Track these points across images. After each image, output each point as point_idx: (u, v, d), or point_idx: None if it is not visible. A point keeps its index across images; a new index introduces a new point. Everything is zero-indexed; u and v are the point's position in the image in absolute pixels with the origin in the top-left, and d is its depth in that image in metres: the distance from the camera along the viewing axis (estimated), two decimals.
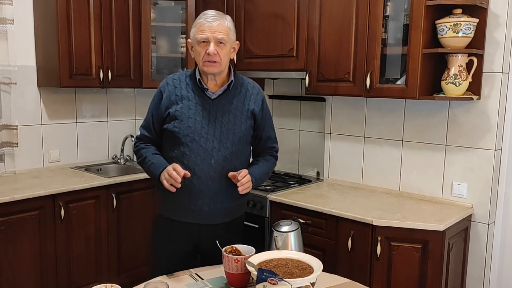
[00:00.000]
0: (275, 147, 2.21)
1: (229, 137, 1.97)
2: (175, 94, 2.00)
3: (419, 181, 2.90)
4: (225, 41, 1.93)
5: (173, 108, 1.98)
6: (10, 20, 3.13)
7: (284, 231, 2.08)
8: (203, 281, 1.83)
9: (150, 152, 2.05)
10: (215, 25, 1.91)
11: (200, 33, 1.92)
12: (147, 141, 2.09)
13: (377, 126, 3.05)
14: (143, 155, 2.05)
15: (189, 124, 1.95)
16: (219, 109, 1.98)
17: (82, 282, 3.08)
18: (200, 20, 1.94)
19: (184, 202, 1.98)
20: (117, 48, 3.43)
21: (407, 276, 2.43)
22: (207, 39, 1.91)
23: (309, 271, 1.64)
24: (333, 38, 2.82)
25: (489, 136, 2.61)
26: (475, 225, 2.71)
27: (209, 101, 1.99)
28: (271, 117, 2.18)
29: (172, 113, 1.97)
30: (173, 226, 2.05)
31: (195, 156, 1.95)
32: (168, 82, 2.05)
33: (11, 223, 2.71)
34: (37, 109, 3.40)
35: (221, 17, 1.95)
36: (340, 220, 2.58)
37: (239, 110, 2.01)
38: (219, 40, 1.92)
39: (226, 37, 1.93)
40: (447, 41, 2.49)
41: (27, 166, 3.37)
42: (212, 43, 1.91)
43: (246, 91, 2.06)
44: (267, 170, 2.14)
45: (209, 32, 1.90)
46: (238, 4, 3.29)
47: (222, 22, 1.93)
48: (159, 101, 2.03)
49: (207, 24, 1.91)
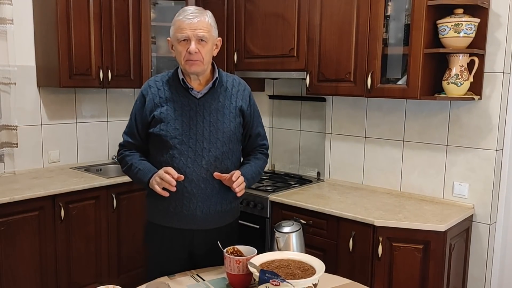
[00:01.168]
0: (265, 145, 2.12)
1: (218, 137, 1.91)
2: (158, 96, 1.92)
3: (420, 181, 2.89)
4: (206, 39, 1.85)
5: (158, 110, 1.90)
6: (9, 20, 3.12)
7: (286, 232, 2.07)
8: (204, 282, 1.82)
9: (136, 158, 1.97)
10: (196, 22, 1.82)
11: (180, 31, 1.84)
12: (132, 147, 2.01)
13: (378, 126, 3.05)
14: (128, 162, 1.97)
15: (176, 126, 1.88)
16: (206, 108, 1.91)
17: (82, 282, 3.07)
18: (179, 18, 1.85)
19: (176, 207, 1.91)
20: (117, 48, 3.42)
21: (408, 277, 2.43)
22: (188, 37, 1.83)
23: (311, 272, 1.63)
24: (334, 38, 2.82)
25: (490, 136, 2.61)
26: (476, 226, 2.70)
27: (194, 100, 1.92)
28: (259, 114, 2.11)
29: (157, 116, 1.90)
30: (164, 232, 1.98)
31: (185, 158, 1.88)
32: (150, 84, 1.97)
33: (11, 224, 2.70)
34: (37, 109, 3.39)
35: (201, 14, 1.86)
36: (341, 221, 2.57)
37: (227, 108, 1.94)
38: (200, 37, 1.83)
39: (207, 35, 1.85)
40: (448, 41, 2.48)
41: (27, 166, 3.36)
42: (193, 41, 1.83)
43: (232, 87, 1.99)
44: (259, 170, 2.05)
45: (190, 30, 1.82)
46: (239, 4, 3.28)
47: (203, 19, 1.85)
48: (142, 105, 1.95)
49: (187, 21, 1.82)
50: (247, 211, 2.94)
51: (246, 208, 2.95)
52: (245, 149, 2.09)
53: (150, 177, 1.88)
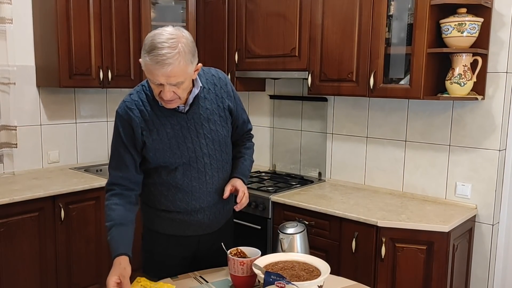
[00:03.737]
0: (250, 128, 2.07)
1: (215, 147, 1.86)
2: (144, 120, 1.75)
3: (422, 182, 2.88)
4: (182, 81, 1.64)
5: (149, 138, 1.76)
6: (9, 19, 3.10)
7: (290, 233, 2.05)
8: (208, 284, 1.80)
9: (117, 220, 1.78)
10: (168, 71, 1.57)
11: (152, 76, 1.61)
12: (123, 183, 1.80)
13: (380, 126, 3.03)
14: (108, 221, 1.79)
15: (173, 151, 1.78)
16: (196, 121, 1.80)
17: (82, 283, 3.05)
18: (149, 60, 1.58)
19: (184, 218, 1.89)
20: (117, 48, 3.40)
21: (412, 278, 2.41)
22: (161, 83, 1.62)
23: (316, 273, 1.62)
24: (336, 37, 2.80)
25: (493, 136, 2.60)
26: (479, 226, 2.69)
27: (183, 116, 1.78)
28: (240, 99, 1.97)
29: (150, 145, 1.76)
30: (169, 240, 1.94)
31: (189, 178, 1.82)
32: (131, 107, 1.75)
33: (11, 225, 2.68)
34: (36, 109, 3.37)
35: (173, 56, 1.56)
36: (344, 221, 2.55)
37: (216, 113, 1.85)
38: (175, 84, 1.63)
39: (182, 78, 1.63)
40: (451, 41, 2.47)
41: (26, 167, 3.34)
42: (167, 87, 1.62)
43: (214, 87, 1.86)
44: (251, 160, 2.05)
45: (162, 77, 1.59)
46: (240, 3, 3.26)
47: (176, 64, 1.58)
48: (129, 131, 1.76)
49: (158, 69, 1.57)
50: (249, 212, 2.93)
51: (248, 208, 2.92)
52: (233, 137, 2.00)
53: (114, 257, 1.82)
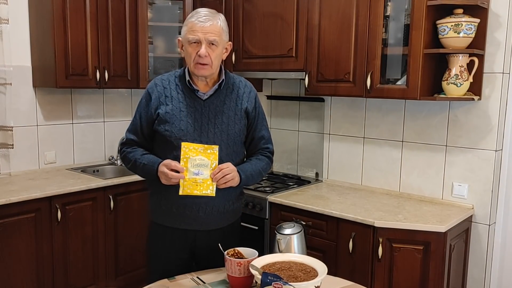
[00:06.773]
0: (269, 148, 2.09)
1: (223, 139, 1.91)
2: (164, 95, 1.92)
3: (419, 182, 2.89)
4: (217, 43, 1.86)
5: (163, 109, 1.90)
6: (5, 19, 3.09)
7: (287, 233, 2.06)
8: (204, 284, 1.80)
9: (138, 154, 1.95)
10: (208, 26, 1.82)
11: (191, 33, 1.84)
12: (134, 145, 1.99)
13: (377, 126, 3.04)
14: (131, 159, 1.95)
15: (181, 127, 1.88)
16: (211, 110, 1.92)
17: (79, 285, 3.04)
18: (192, 19, 1.85)
19: (179, 207, 1.92)
20: (114, 48, 3.39)
21: (408, 278, 2.42)
22: (199, 40, 1.83)
23: (313, 274, 1.62)
24: (333, 38, 2.80)
25: (490, 136, 2.60)
26: (475, 226, 2.70)
27: (200, 102, 1.92)
28: (265, 117, 2.09)
29: (162, 115, 1.90)
30: (166, 232, 1.98)
31: None
32: (157, 83, 1.97)
33: (7, 226, 2.67)
34: (33, 110, 3.36)
35: (214, 17, 1.86)
36: (341, 222, 2.56)
37: (232, 110, 1.95)
38: (211, 41, 1.84)
39: (218, 39, 1.86)
40: (448, 41, 2.47)
41: (23, 167, 3.33)
42: (204, 44, 1.83)
43: (238, 89, 1.99)
44: (259, 169, 2.00)
45: (201, 33, 1.82)
46: (237, 3, 3.26)
47: (215, 23, 1.85)
48: (147, 102, 1.95)
49: (199, 24, 1.82)
50: (246, 212, 2.92)
51: (245, 209, 2.93)
52: (248, 151, 2.08)
53: (156, 169, 1.85)
